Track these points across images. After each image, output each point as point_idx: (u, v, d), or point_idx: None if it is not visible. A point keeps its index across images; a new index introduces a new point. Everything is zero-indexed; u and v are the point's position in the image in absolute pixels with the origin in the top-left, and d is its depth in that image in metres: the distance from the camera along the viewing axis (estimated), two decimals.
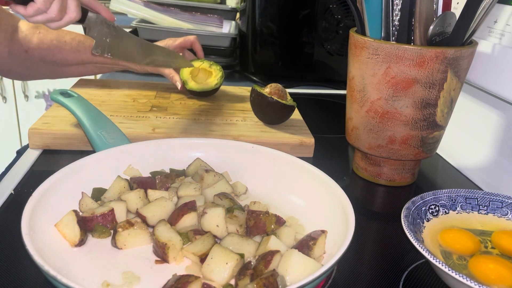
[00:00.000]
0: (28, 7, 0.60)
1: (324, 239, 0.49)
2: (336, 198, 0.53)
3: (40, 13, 0.61)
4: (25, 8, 0.60)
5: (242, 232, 0.51)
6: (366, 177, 0.72)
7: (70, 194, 0.53)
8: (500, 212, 0.57)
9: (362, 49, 0.63)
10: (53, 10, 0.61)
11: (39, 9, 0.60)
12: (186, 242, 0.49)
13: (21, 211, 0.45)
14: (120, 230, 0.49)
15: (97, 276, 0.45)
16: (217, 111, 0.88)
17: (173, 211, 0.53)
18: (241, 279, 0.43)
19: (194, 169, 0.62)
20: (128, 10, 1.21)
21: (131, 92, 0.93)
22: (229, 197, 0.56)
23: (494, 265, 0.48)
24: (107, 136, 0.65)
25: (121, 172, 0.60)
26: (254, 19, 1.18)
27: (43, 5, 0.60)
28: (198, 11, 1.31)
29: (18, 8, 0.60)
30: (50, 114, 0.78)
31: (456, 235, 0.53)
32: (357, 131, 0.68)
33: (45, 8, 0.60)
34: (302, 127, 0.82)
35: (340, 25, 1.19)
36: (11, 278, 0.46)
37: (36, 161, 0.70)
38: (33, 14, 0.61)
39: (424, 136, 0.65)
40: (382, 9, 0.62)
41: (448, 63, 0.59)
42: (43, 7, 0.60)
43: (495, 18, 0.69)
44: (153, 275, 0.46)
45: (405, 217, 0.51)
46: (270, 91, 0.79)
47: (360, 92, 0.65)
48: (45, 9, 0.60)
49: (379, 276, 0.51)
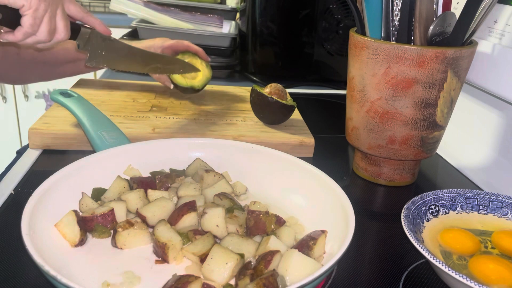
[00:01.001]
0: (16, 32, 0.58)
1: (324, 239, 0.49)
2: (336, 198, 0.53)
3: (28, 36, 0.59)
4: (14, 34, 0.58)
5: (242, 232, 0.51)
6: (366, 177, 0.72)
7: (70, 194, 0.53)
8: (500, 212, 0.57)
9: (362, 49, 0.63)
10: (42, 32, 0.59)
11: (26, 33, 0.58)
12: (186, 242, 0.49)
13: (21, 211, 0.45)
14: (120, 230, 0.49)
15: (97, 276, 0.45)
16: (217, 111, 0.88)
17: (173, 211, 0.53)
18: (241, 279, 0.43)
19: (194, 169, 0.62)
20: (128, 10, 1.21)
21: (131, 92, 0.93)
22: (229, 197, 0.56)
23: (494, 265, 0.48)
24: (107, 136, 0.65)
25: (121, 172, 0.60)
26: (254, 19, 1.18)
27: (30, 29, 0.58)
28: (198, 11, 1.31)
29: (6, 36, 0.59)
30: (50, 114, 0.78)
31: (456, 235, 0.53)
32: (357, 131, 0.68)
33: (34, 31, 0.59)
34: (302, 127, 0.82)
35: (340, 25, 1.19)
36: (11, 278, 0.46)
37: (36, 161, 0.70)
38: (22, 38, 0.59)
39: (424, 136, 0.65)
40: (382, 9, 0.62)
41: (448, 63, 0.59)
42: (31, 31, 0.58)
43: (495, 18, 0.69)
44: (153, 275, 0.46)
45: (405, 217, 0.51)
46: (270, 91, 0.79)
47: (360, 92, 0.65)
48: (33, 32, 0.59)
49: (379, 276, 0.51)
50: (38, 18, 0.58)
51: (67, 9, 0.65)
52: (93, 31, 0.67)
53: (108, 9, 2.02)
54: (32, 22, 0.57)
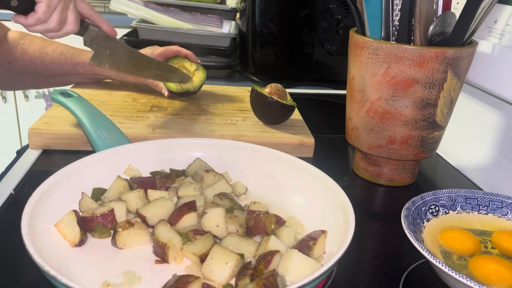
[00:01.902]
0: (29, 17, 0.61)
1: (324, 239, 0.49)
2: (336, 198, 0.53)
3: (40, 23, 0.62)
4: (26, 18, 0.61)
5: (242, 232, 0.51)
6: (366, 177, 0.72)
7: (70, 194, 0.53)
8: (500, 212, 0.57)
9: (362, 49, 0.63)
10: (53, 21, 0.62)
11: (39, 19, 0.61)
12: (186, 242, 0.49)
13: (21, 211, 0.45)
14: (120, 230, 0.49)
15: (97, 276, 0.45)
16: (217, 111, 0.88)
17: (173, 211, 0.53)
18: (241, 279, 0.43)
19: (194, 169, 0.62)
20: (128, 10, 1.21)
21: (131, 92, 0.93)
22: (229, 197, 0.56)
23: (494, 265, 0.48)
24: (107, 136, 0.65)
25: (121, 172, 0.60)
26: (254, 19, 1.18)
27: (43, 15, 0.61)
28: (198, 11, 1.31)
29: (19, 18, 0.61)
30: (50, 114, 0.78)
31: (456, 235, 0.53)
32: (357, 131, 0.68)
33: (46, 18, 0.61)
34: (302, 127, 0.82)
35: (340, 25, 1.19)
36: (11, 278, 0.46)
37: (36, 161, 0.70)
38: (33, 24, 0.62)
39: (424, 136, 0.65)
40: (382, 9, 0.62)
41: (448, 63, 0.59)
42: (43, 17, 0.61)
43: (495, 18, 0.69)
44: (153, 275, 0.46)
45: (405, 217, 0.51)
46: (270, 91, 0.79)
47: (360, 92, 0.65)
48: (45, 20, 0.62)
49: (379, 276, 0.51)
50: (52, 7, 0.61)
51: (78, 5, 0.67)
52: (100, 30, 0.69)
53: (108, 9, 2.02)
54: (45, 9, 0.60)
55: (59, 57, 0.90)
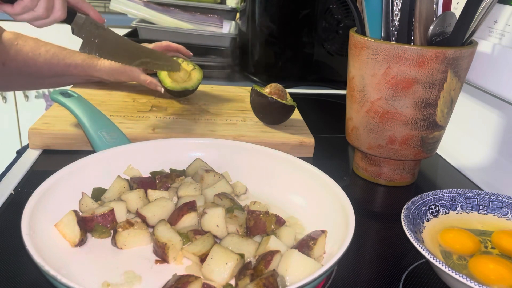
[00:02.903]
0: (15, 5, 0.61)
1: (324, 239, 0.49)
2: (336, 198, 0.53)
3: (27, 10, 0.62)
4: (12, 7, 0.61)
5: (242, 232, 0.51)
6: (366, 177, 0.72)
7: (70, 194, 0.53)
8: (500, 212, 0.57)
9: (362, 49, 0.63)
10: (40, 8, 0.62)
11: (26, 6, 0.61)
12: (186, 242, 0.49)
13: (21, 211, 0.45)
14: (120, 230, 0.49)
15: (97, 276, 0.45)
16: (217, 111, 0.88)
17: (173, 211, 0.53)
18: (241, 279, 0.43)
19: (194, 169, 0.62)
20: (128, 10, 1.21)
21: (131, 92, 0.93)
22: (229, 197, 0.56)
23: (494, 265, 0.48)
24: (107, 136, 0.65)
25: (121, 172, 0.60)
26: (254, 19, 1.18)
27: (30, 3, 0.61)
28: (198, 11, 1.31)
29: (5, 7, 0.61)
30: (50, 114, 0.78)
31: (456, 235, 0.53)
32: (357, 131, 0.68)
33: (32, 5, 0.61)
34: (302, 127, 0.82)
35: (340, 25, 1.19)
36: (11, 278, 0.46)
37: (36, 161, 0.70)
38: (20, 12, 0.61)
39: (424, 136, 0.65)
40: (382, 9, 0.62)
41: (448, 63, 0.59)
42: (30, 5, 0.61)
43: (495, 18, 0.69)
44: (153, 275, 0.46)
45: (405, 217, 0.51)
46: (270, 91, 0.79)
47: (360, 92, 0.65)
48: (32, 7, 0.61)
49: (379, 276, 0.51)
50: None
51: None
52: (87, 17, 0.69)
53: (108, 9, 2.02)
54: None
55: (52, 58, 0.90)
